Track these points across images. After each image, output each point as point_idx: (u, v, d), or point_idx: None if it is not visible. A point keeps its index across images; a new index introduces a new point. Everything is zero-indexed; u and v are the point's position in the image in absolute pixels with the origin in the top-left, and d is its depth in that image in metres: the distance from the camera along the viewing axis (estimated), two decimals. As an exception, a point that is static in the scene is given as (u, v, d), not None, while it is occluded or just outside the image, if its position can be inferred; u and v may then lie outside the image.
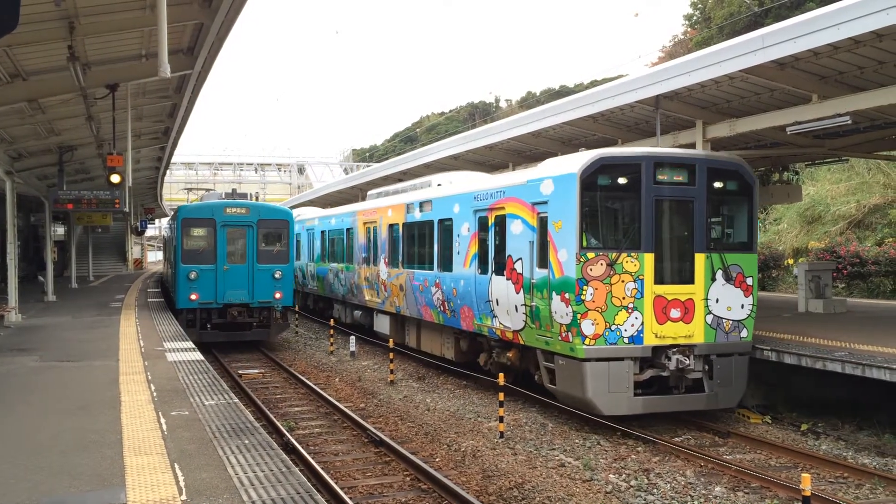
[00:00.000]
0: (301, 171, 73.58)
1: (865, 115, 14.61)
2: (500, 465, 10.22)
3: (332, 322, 23.11)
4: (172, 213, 27.81)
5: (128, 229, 53.63)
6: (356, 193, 39.64)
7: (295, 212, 31.78)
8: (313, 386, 15.41)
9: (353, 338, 20.79)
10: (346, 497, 8.51)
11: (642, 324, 11.66)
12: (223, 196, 23.45)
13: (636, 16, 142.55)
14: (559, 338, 11.88)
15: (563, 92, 64.77)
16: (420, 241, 17.81)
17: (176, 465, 7.35)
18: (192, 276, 20.57)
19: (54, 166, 25.00)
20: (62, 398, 10.52)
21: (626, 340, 11.59)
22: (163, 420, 9.21)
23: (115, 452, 7.79)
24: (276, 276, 21.04)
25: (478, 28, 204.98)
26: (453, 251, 15.74)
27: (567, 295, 11.57)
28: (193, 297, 20.51)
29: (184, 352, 14.97)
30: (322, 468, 9.68)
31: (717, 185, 12.54)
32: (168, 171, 46.11)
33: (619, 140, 19.48)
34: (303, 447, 10.73)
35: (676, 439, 11.52)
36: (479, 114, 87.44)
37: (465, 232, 15.26)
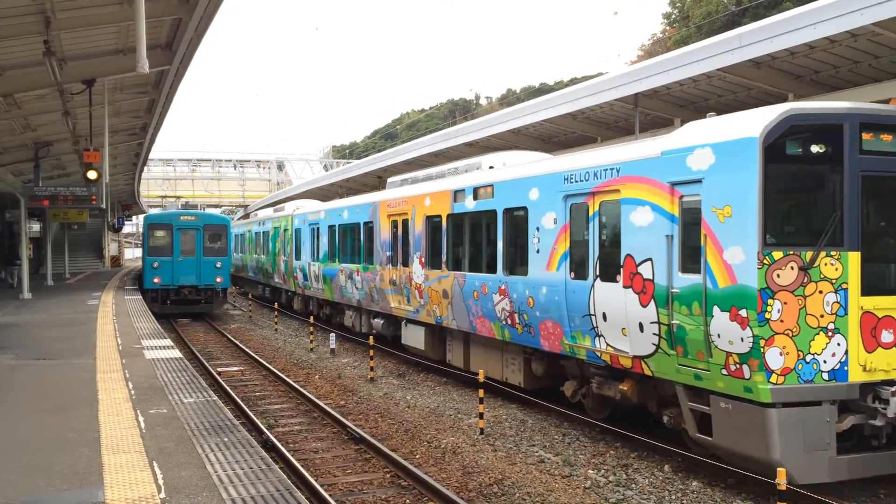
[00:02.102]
0: (280, 167, 73.25)
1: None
2: (480, 461, 10.25)
3: (366, 335, 19.72)
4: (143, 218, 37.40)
5: (105, 226, 53.14)
6: (348, 187, 38.79)
7: (292, 205, 30.02)
8: (293, 383, 15.37)
9: (332, 335, 20.74)
10: (325, 494, 8.50)
11: (846, 352, 8.40)
12: (179, 207, 35.29)
13: (615, 14, 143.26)
14: (723, 371, 8.62)
15: (544, 89, 64.94)
16: (474, 237, 14.51)
17: (154, 463, 7.32)
18: (155, 265, 28.09)
19: (30, 162, 24.72)
20: (38, 397, 10.42)
21: (824, 376, 8.34)
22: (141, 418, 9.16)
23: (92, 451, 7.74)
24: (217, 265, 28.85)
25: (458, 25, 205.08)
26: (529, 249, 12.16)
27: (742, 312, 8.33)
28: (156, 280, 28.13)
29: (162, 349, 14.89)
30: (302, 465, 9.66)
31: None
32: (146, 168, 45.75)
33: (598, 138, 19.61)
34: (282, 445, 10.69)
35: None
36: (460, 111, 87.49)
37: (549, 224, 11.69)
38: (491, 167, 14.52)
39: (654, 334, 9.57)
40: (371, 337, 17.31)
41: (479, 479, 9.50)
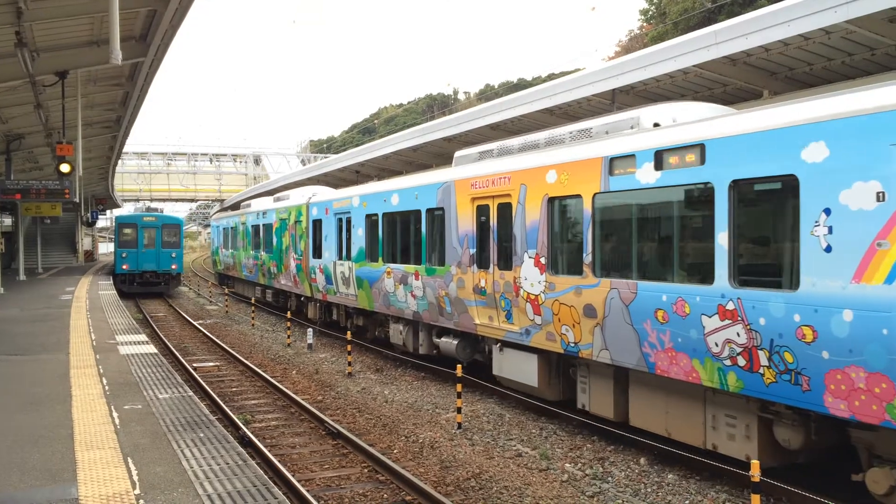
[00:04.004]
0: (257, 161, 72.76)
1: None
2: (457, 455, 10.28)
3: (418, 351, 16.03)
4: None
5: (78, 220, 52.48)
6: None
7: (302, 191, 25.54)
8: (270, 378, 15.29)
9: (310, 330, 20.65)
10: (303, 489, 8.48)
11: None
12: (144, 210, 45.39)
13: (593, 10, 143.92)
14: None
15: (521, 85, 65.10)
16: (657, 227, 9.91)
17: (129, 460, 7.25)
18: (124, 255, 35.78)
19: (1, 155, 24.35)
20: (10, 393, 10.28)
21: None
22: (115, 414, 9.07)
23: (66, 447, 7.65)
24: (173, 255, 36.42)
25: (436, 20, 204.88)
26: (802, 246, 7.65)
27: None
28: (125, 266, 35.69)
29: (137, 345, 14.76)
30: (279, 461, 9.62)
31: None
32: (120, 161, 45.26)
33: (576, 133, 19.67)
34: (259, 440, 10.65)
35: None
36: (438, 106, 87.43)
37: (859, 201, 7.13)
38: (656, 125, 10.27)
39: None
40: (400, 348, 14.44)
41: (457, 473, 9.53)
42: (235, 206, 45.77)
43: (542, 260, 11.38)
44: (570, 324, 10.80)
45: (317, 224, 21.84)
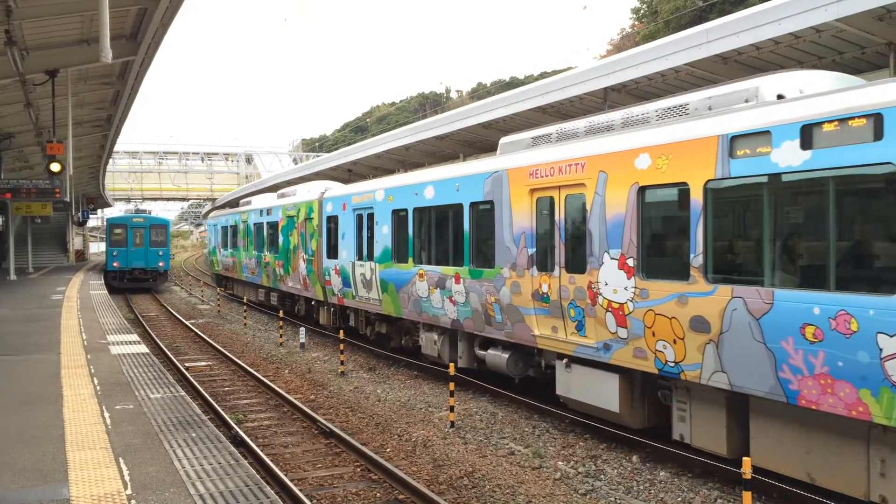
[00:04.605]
0: (249, 160, 72.63)
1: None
2: (450, 454, 10.28)
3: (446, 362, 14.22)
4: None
5: (69, 220, 52.27)
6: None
7: (309, 187, 23.95)
8: (262, 378, 15.26)
9: (302, 329, 20.62)
10: (295, 489, 8.46)
11: None
12: (133, 212, 46.73)
13: (585, 9, 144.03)
14: None
15: (514, 83, 65.14)
16: (804, 224, 8.12)
17: (121, 460, 7.22)
18: (115, 253, 38.73)
19: (-9, 154, 24.22)
20: (1, 393, 10.22)
21: None
22: (107, 414, 9.03)
23: (57, 447, 7.62)
24: (160, 254, 39.46)
25: (429, 18, 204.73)
26: None
27: None
28: (115, 264, 38.61)
29: (128, 345, 14.70)
30: (271, 460, 9.60)
31: None
32: (111, 160, 45.13)
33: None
34: (252, 439, 10.62)
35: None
36: (430, 104, 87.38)
37: None
38: (780, 96, 8.59)
39: None
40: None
41: (450, 471, 9.53)
42: (234, 204, 44.69)
43: (630, 262, 9.51)
44: (668, 339, 8.97)
45: (332, 221, 19.88)
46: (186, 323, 25.31)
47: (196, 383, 14.57)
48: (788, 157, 7.63)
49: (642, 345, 9.39)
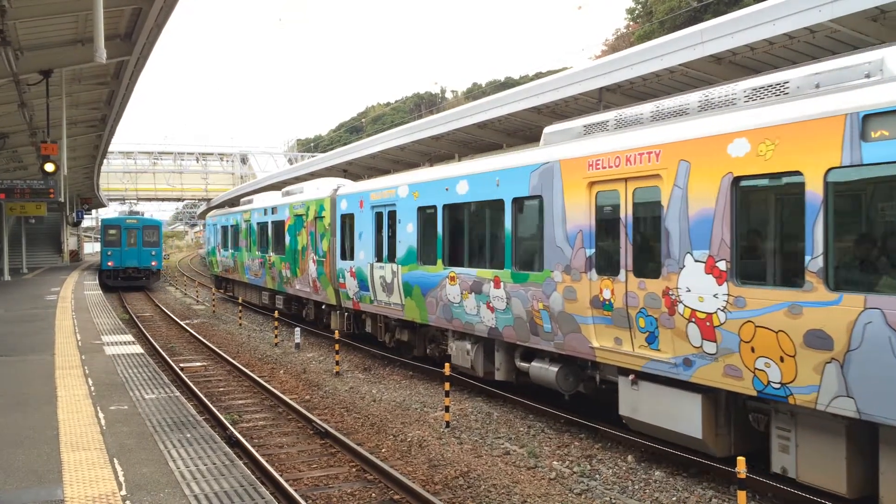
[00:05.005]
0: (244, 160, 72.44)
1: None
2: (445, 454, 10.28)
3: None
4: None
5: (63, 220, 52.14)
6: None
7: (325, 183, 22.10)
8: (257, 378, 15.24)
9: (297, 329, 20.60)
10: (290, 489, 8.46)
11: None
12: (127, 213, 49.21)
13: (580, 9, 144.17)
14: None
15: (509, 83, 65.18)
16: None
17: (115, 460, 7.21)
18: (109, 253, 40.33)
19: (-15, 154, 24.16)
20: (-5, 394, 10.19)
21: None
22: (101, 415, 9.02)
23: (51, 448, 7.61)
24: (153, 253, 41.11)
25: (424, 19, 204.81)
26: None
27: None
28: (110, 263, 40.17)
29: (123, 345, 14.68)
30: (266, 461, 9.60)
31: None
32: (106, 161, 45.09)
33: (563, 132, 19.72)
34: (247, 440, 10.61)
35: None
36: (425, 104, 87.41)
37: None
38: None
39: None
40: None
41: (445, 471, 9.53)
42: (233, 203, 44.02)
43: (721, 265, 8.21)
44: (773, 356, 7.68)
45: (346, 220, 18.58)
46: (181, 323, 25.27)
47: (191, 384, 14.55)
48: None
49: (736, 362, 8.06)
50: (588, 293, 10.14)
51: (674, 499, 8.61)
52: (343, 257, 18.62)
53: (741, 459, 7.06)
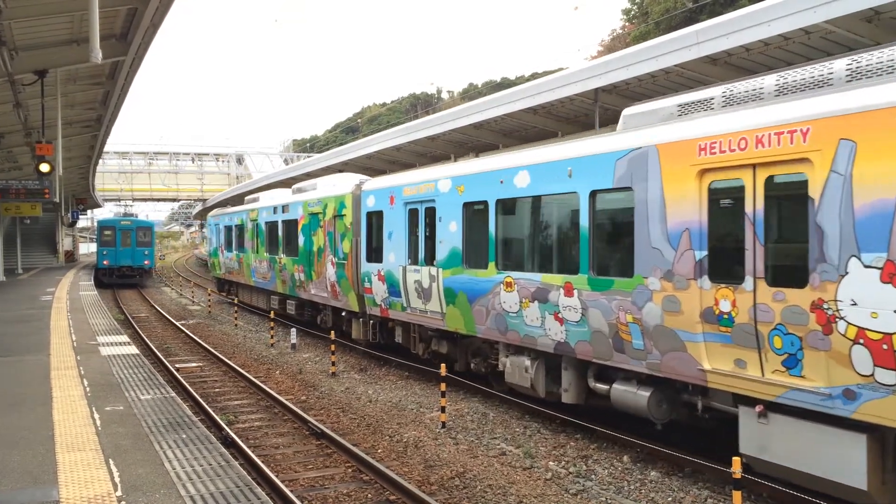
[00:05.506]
0: (240, 161, 72.41)
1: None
2: (441, 454, 10.29)
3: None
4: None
5: (58, 220, 52.04)
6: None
7: (345, 179, 20.20)
8: (253, 379, 15.23)
9: (293, 330, 20.59)
10: (286, 490, 8.45)
11: None
12: (121, 214, 50.30)
13: (576, 9, 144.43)
14: None
15: (505, 84, 65.24)
16: None
17: (111, 461, 7.20)
18: (105, 252, 43.33)
19: (-20, 155, 24.11)
20: (-10, 395, 10.17)
21: None
22: (96, 415, 9.00)
23: (46, 449, 7.59)
24: (146, 253, 44.27)
25: (420, 19, 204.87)
26: None
27: None
28: (105, 262, 43.21)
29: (118, 346, 14.66)
30: (262, 461, 9.59)
31: None
32: (101, 161, 45.08)
33: (559, 132, 19.75)
34: (242, 441, 10.60)
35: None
36: (421, 105, 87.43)
37: None
38: None
39: None
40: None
41: (441, 472, 9.54)
42: (234, 202, 42.96)
43: None
44: None
45: (373, 218, 16.78)
46: (177, 324, 25.24)
47: (186, 384, 14.53)
48: None
49: None
50: (698, 304, 8.38)
51: (669, 499, 8.63)
52: (369, 259, 16.86)
53: (736, 459, 7.07)
